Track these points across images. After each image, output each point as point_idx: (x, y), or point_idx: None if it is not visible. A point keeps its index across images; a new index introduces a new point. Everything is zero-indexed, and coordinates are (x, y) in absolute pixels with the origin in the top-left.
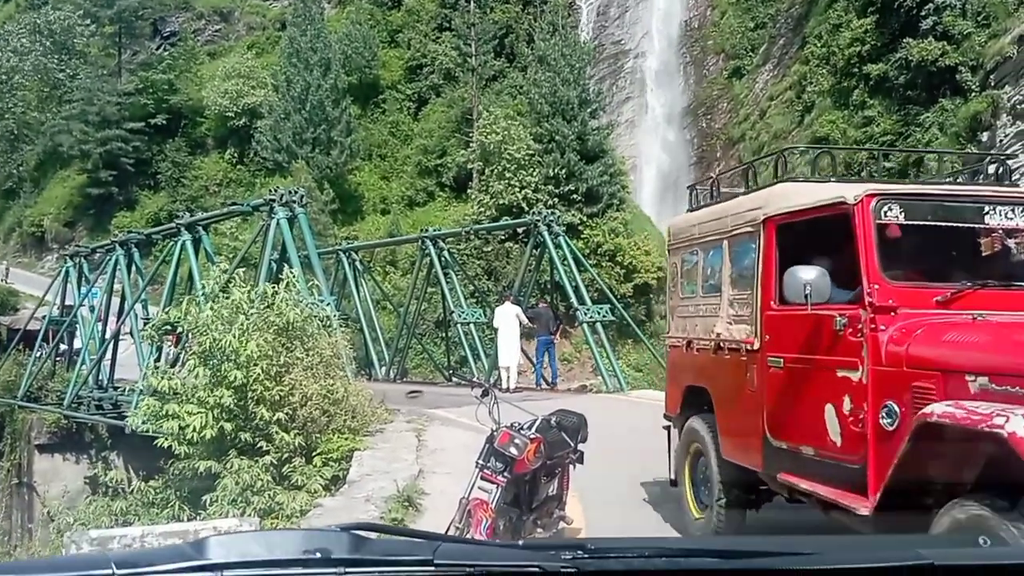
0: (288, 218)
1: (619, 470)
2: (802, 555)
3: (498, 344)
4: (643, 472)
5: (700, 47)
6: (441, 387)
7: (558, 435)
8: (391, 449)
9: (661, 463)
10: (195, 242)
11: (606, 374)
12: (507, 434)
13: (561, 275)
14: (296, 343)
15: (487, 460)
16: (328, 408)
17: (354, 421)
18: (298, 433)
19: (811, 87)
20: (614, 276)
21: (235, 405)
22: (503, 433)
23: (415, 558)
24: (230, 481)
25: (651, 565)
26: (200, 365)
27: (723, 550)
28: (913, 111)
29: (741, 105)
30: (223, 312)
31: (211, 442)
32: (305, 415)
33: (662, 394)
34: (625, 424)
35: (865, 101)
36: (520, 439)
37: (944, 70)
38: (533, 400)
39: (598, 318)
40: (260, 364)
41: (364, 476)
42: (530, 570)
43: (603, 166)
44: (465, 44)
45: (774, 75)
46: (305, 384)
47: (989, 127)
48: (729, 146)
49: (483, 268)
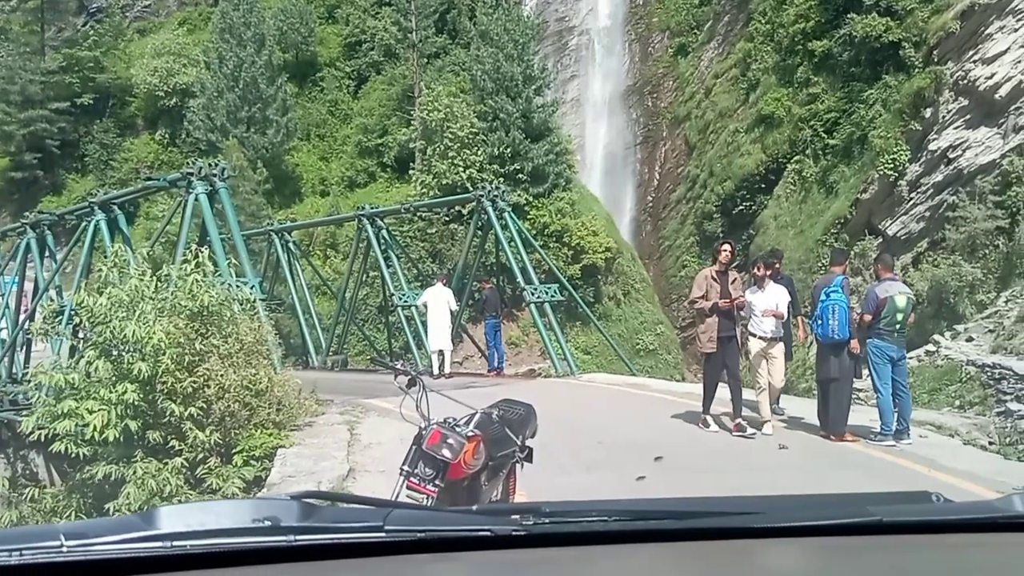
0: (208, 193)
1: (576, 468)
2: (752, 514)
3: (428, 327)
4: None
5: (645, 24)
6: (382, 375)
7: (501, 431)
8: (319, 445)
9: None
10: (111, 222)
11: (555, 357)
12: (438, 433)
13: (507, 253)
14: (212, 329)
15: (414, 466)
16: (250, 400)
17: (279, 414)
18: (214, 429)
19: (756, 64)
20: (562, 257)
21: (142, 400)
22: (433, 431)
23: (365, 525)
24: (133, 488)
25: (604, 527)
26: (99, 358)
27: (675, 511)
28: (857, 88)
29: (686, 83)
30: (123, 298)
31: (115, 443)
32: (222, 409)
33: (615, 378)
34: (578, 410)
35: (810, 78)
36: (455, 438)
37: (888, 46)
38: (476, 387)
39: (546, 298)
40: (169, 353)
41: (286, 478)
42: (481, 534)
43: (549, 145)
44: (405, 20)
45: (719, 53)
46: (222, 374)
47: (932, 103)
48: (675, 125)
49: (427, 250)
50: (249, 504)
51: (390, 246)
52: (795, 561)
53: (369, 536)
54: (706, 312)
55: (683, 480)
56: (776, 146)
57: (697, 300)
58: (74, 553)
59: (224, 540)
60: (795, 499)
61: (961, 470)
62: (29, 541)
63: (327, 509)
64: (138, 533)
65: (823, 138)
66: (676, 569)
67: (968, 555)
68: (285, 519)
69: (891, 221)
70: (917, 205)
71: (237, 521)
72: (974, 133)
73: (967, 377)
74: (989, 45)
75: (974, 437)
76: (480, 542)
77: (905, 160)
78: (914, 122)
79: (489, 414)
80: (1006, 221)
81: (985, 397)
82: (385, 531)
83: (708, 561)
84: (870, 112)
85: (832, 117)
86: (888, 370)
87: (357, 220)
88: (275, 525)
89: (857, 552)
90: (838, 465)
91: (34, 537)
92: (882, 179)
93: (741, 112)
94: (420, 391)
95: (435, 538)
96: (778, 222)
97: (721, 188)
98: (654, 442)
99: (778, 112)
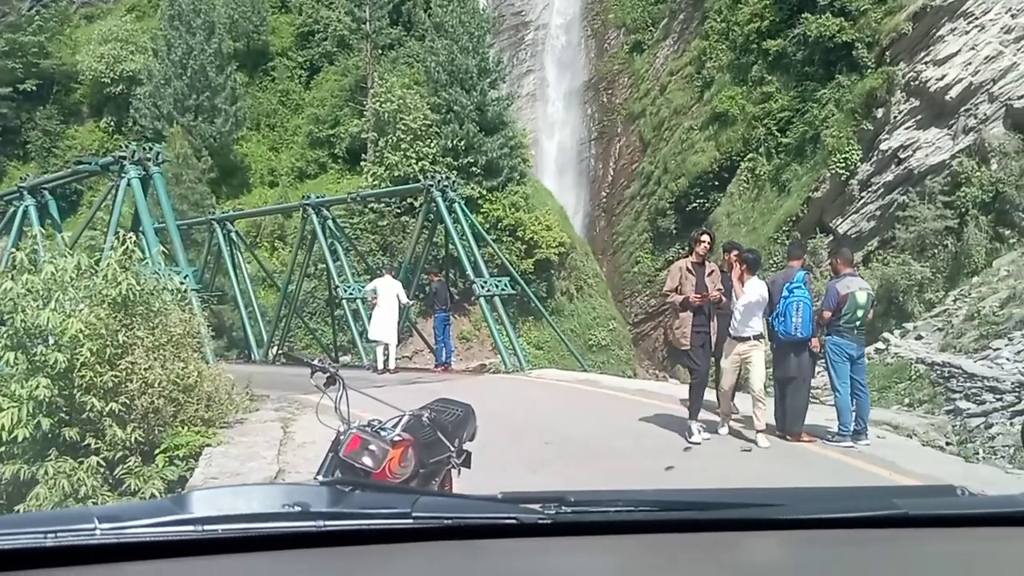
0: (141, 178)
1: (521, 469)
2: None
3: (373, 319)
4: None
5: (601, 20)
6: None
7: (433, 434)
8: (249, 444)
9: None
10: (41, 208)
11: (505, 352)
12: (358, 438)
13: (456, 244)
14: (138, 320)
15: (331, 474)
16: (177, 396)
17: (208, 411)
18: (137, 427)
19: (711, 63)
20: (515, 251)
21: (57, 395)
22: (352, 437)
23: (393, 511)
24: (44, 489)
25: (629, 517)
26: (11, 349)
27: (699, 502)
28: (810, 87)
29: (642, 80)
30: (38, 285)
31: (27, 441)
32: (146, 405)
33: (566, 374)
34: (526, 408)
35: (764, 77)
36: (377, 444)
37: (841, 46)
38: (421, 383)
39: (496, 291)
40: (89, 345)
41: (209, 479)
42: (507, 522)
43: (503, 138)
44: (359, 10)
45: (674, 50)
46: (147, 368)
47: (884, 104)
48: (630, 121)
49: (378, 243)
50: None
51: (337, 237)
52: (822, 553)
53: (397, 522)
54: (678, 306)
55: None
56: (730, 144)
57: (670, 293)
58: (107, 536)
59: (255, 525)
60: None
61: (922, 473)
62: (63, 524)
63: (356, 495)
64: (170, 517)
65: (776, 136)
66: (702, 559)
67: (995, 548)
68: (315, 504)
69: (842, 220)
70: (868, 204)
71: (267, 506)
72: (925, 134)
73: (916, 375)
74: (940, 47)
75: (932, 438)
76: (506, 530)
77: (857, 159)
78: (866, 122)
79: (419, 416)
80: (955, 221)
81: (934, 395)
82: (412, 517)
83: (734, 552)
84: (823, 111)
85: (785, 116)
86: (847, 369)
87: (303, 209)
88: (305, 511)
89: (884, 545)
90: (799, 467)
91: (68, 520)
92: (834, 178)
93: (696, 110)
94: (340, 390)
95: (461, 525)
96: (731, 219)
97: (675, 185)
98: (604, 442)
99: (732, 110)
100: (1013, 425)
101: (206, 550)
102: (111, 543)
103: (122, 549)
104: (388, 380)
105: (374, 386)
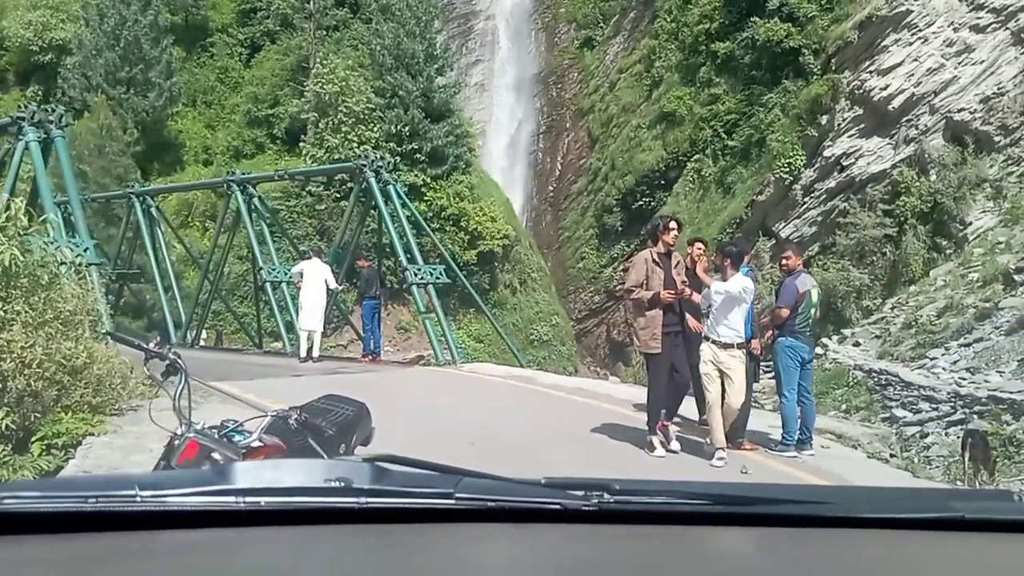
0: (41, 141)
1: None
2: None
3: (300, 304)
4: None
5: (552, 14)
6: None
7: (305, 441)
8: (137, 435)
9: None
10: None
11: (437, 344)
12: (195, 445)
13: (390, 228)
14: (16, 292)
15: None
16: (61, 378)
17: (97, 396)
18: (10, 411)
19: (660, 62)
20: (458, 242)
21: None
22: (189, 443)
23: (436, 491)
24: None
25: (673, 509)
26: None
27: (747, 496)
28: (757, 91)
29: (591, 76)
30: None
31: None
32: (21, 387)
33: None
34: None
35: (712, 79)
36: (222, 452)
37: (788, 51)
38: (344, 373)
39: (430, 279)
40: None
41: (82, 473)
42: (551, 507)
43: (449, 126)
44: None
45: (624, 48)
46: (25, 346)
47: (828, 111)
48: (579, 117)
49: (315, 228)
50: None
51: (264, 217)
52: (876, 552)
53: (439, 502)
54: (646, 304)
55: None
56: (677, 144)
57: (635, 288)
58: (148, 503)
59: (296, 499)
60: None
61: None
62: (104, 489)
63: (398, 473)
64: (212, 487)
65: (723, 138)
66: (747, 553)
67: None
68: (357, 481)
69: (784, 224)
70: (810, 209)
71: (310, 481)
72: (867, 142)
73: (854, 381)
74: (885, 57)
75: (876, 449)
76: (549, 515)
77: (801, 165)
78: (811, 128)
79: (286, 417)
80: (894, 229)
81: (871, 402)
82: (455, 498)
83: (782, 548)
84: (769, 116)
85: (732, 118)
86: (796, 374)
87: (226, 186)
88: (347, 487)
89: (940, 547)
90: (740, 478)
91: (109, 485)
92: (778, 182)
93: (644, 108)
94: (181, 382)
95: (504, 508)
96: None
97: (622, 182)
98: (534, 444)
99: (680, 110)
100: (948, 435)
101: (246, 521)
102: (152, 510)
103: (162, 516)
104: (309, 369)
105: (292, 375)
